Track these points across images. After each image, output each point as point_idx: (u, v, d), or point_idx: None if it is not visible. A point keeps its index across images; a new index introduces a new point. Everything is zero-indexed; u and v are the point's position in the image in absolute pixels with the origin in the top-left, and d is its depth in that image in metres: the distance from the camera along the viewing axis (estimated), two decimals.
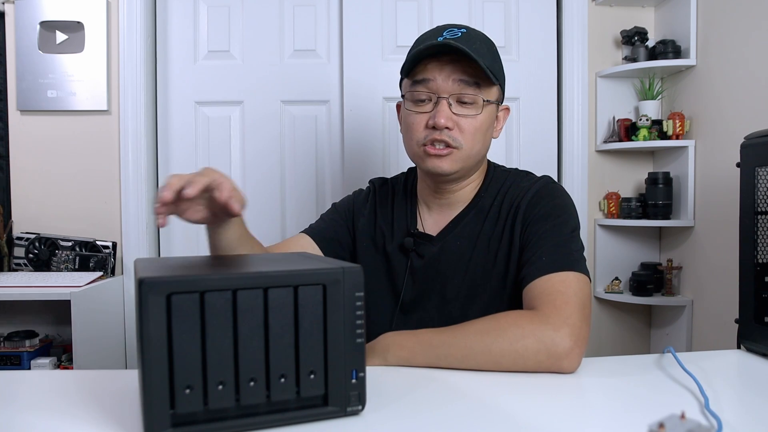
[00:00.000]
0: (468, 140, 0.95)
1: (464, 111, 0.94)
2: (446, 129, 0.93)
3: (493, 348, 0.77)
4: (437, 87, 0.94)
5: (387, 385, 0.72)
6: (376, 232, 1.08)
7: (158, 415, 0.53)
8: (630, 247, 2.12)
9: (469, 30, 0.96)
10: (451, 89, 0.93)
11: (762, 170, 0.87)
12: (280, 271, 0.58)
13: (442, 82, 0.93)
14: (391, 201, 1.10)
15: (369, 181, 1.16)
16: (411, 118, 0.97)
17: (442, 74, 0.93)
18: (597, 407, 0.67)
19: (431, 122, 0.94)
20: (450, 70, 0.93)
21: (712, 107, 1.85)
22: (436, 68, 0.93)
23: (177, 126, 2.01)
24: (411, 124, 0.97)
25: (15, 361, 1.66)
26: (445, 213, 1.04)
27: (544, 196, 0.96)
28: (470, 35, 0.94)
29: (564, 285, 0.84)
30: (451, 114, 0.93)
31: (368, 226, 1.09)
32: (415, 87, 0.96)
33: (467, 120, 0.94)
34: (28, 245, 1.86)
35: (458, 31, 0.94)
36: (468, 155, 0.96)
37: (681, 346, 1.97)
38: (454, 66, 0.93)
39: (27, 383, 0.75)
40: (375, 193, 1.12)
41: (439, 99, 0.94)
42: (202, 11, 2.00)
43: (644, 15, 2.10)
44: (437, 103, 0.94)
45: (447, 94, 0.93)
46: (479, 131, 0.95)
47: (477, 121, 0.95)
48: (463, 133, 0.94)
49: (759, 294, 0.87)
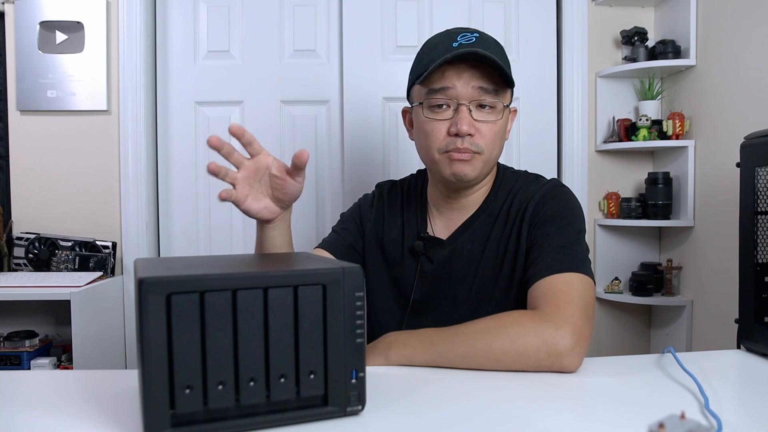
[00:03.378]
0: (488, 145, 0.95)
1: (485, 117, 0.94)
2: (468, 136, 0.93)
3: (494, 345, 0.77)
4: (457, 94, 0.93)
5: (387, 385, 0.72)
6: (384, 236, 1.08)
7: (158, 415, 0.53)
8: (630, 247, 2.12)
9: (482, 35, 0.95)
10: (471, 95, 0.93)
11: (762, 170, 0.87)
12: (280, 271, 0.58)
13: (462, 89, 0.92)
14: (400, 204, 1.10)
15: (375, 186, 1.16)
16: (429, 126, 0.95)
17: (461, 81, 0.92)
18: (597, 407, 0.67)
19: (453, 129, 0.93)
20: (469, 77, 0.92)
21: (712, 107, 1.85)
22: (454, 75, 0.92)
23: (177, 126, 2.01)
24: (430, 131, 0.95)
25: (15, 361, 1.66)
26: (456, 217, 1.03)
27: (551, 198, 0.97)
28: (484, 40, 0.94)
29: (567, 285, 0.84)
30: (472, 120, 0.93)
31: (375, 230, 1.09)
32: (433, 95, 0.94)
33: (488, 125, 0.94)
34: (28, 245, 1.86)
35: (472, 36, 0.93)
36: (488, 160, 0.96)
37: (681, 346, 1.97)
38: (472, 72, 0.92)
39: (27, 383, 0.75)
40: (382, 197, 1.12)
41: (459, 106, 0.93)
42: (202, 11, 2.00)
43: (644, 15, 2.10)
44: (457, 110, 0.93)
45: (467, 100, 0.93)
46: (498, 136, 0.96)
47: (497, 126, 0.95)
48: (485, 138, 0.94)
49: (759, 294, 0.87)
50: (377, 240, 1.08)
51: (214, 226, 2.02)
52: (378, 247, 1.08)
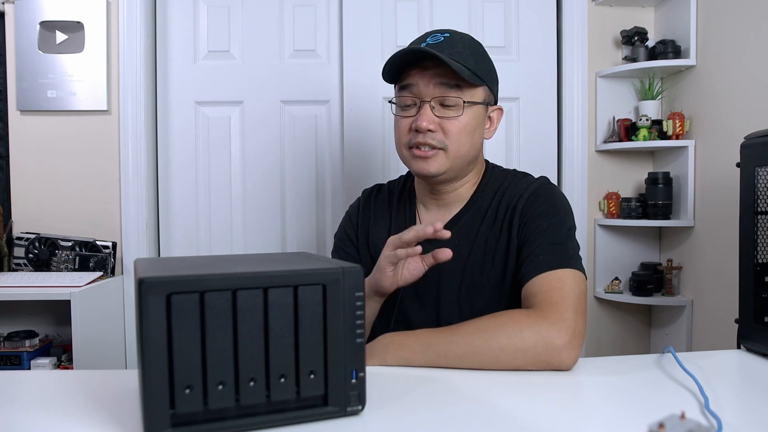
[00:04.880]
0: (453, 141, 0.97)
1: (446, 113, 0.97)
2: (429, 132, 0.96)
3: (492, 343, 0.78)
4: (420, 92, 0.97)
5: (387, 385, 0.72)
6: (373, 237, 1.10)
7: (158, 415, 0.53)
8: (630, 247, 2.12)
9: (453, 34, 0.98)
10: (432, 93, 0.96)
11: (762, 170, 0.87)
12: (280, 271, 0.58)
13: (424, 87, 0.97)
14: (388, 204, 1.12)
15: (361, 193, 1.19)
16: (398, 123, 1.02)
17: (424, 79, 0.96)
18: (597, 407, 0.67)
19: (414, 125, 0.97)
20: (431, 75, 0.96)
21: (712, 107, 1.85)
22: (417, 74, 0.97)
23: (177, 126, 2.01)
24: (397, 128, 1.01)
25: (15, 361, 1.66)
26: (443, 212, 1.05)
27: (541, 195, 0.98)
28: (453, 39, 0.97)
29: (560, 282, 0.86)
30: (433, 117, 0.96)
31: (364, 233, 1.12)
32: (401, 93, 1.00)
33: (450, 121, 0.97)
34: (28, 245, 1.86)
35: (441, 36, 0.97)
36: (455, 156, 0.98)
37: (681, 346, 1.97)
38: (434, 71, 0.96)
39: (27, 383, 0.75)
40: (368, 201, 1.15)
41: (422, 103, 0.97)
42: (202, 11, 2.00)
43: (644, 15, 2.10)
44: (420, 107, 0.97)
45: (429, 97, 0.97)
46: (464, 132, 0.97)
47: (460, 122, 0.97)
48: (448, 134, 0.97)
49: (759, 294, 0.87)
50: (366, 241, 1.11)
51: (214, 226, 2.02)
52: (367, 248, 1.10)
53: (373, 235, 1.10)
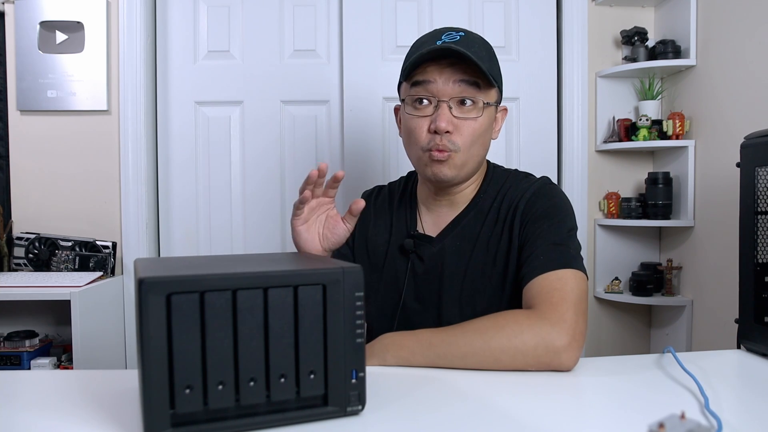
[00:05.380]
0: (466, 143, 0.95)
1: (465, 114, 0.94)
2: (446, 133, 0.93)
3: (492, 344, 0.78)
4: (437, 90, 0.94)
5: (387, 385, 0.72)
6: (373, 239, 1.09)
7: (158, 415, 0.53)
8: (630, 247, 2.12)
9: (467, 33, 0.96)
10: (451, 92, 0.93)
11: (762, 170, 0.87)
12: (280, 271, 0.58)
13: (443, 85, 0.93)
14: (388, 206, 1.11)
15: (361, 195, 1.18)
16: (412, 123, 0.97)
17: (443, 77, 0.93)
18: (597, 407, 0.67)
19: (433, 126, 0.93)
20: (450, 73, 0.93)
21: (712, 107, 1.85)
22: (436, 71, 0.94)
23: (177, 126, 2.01)
24: (413, 128, 0.97)
25: (15, 361, 1.66)
26: (445, 214, 1.04)
27: (542, 196, 0.97)
28: (468, 38, 0.95)
29: (561, 282, 0.85)
30: (452, 117, 0.94)
31: (363, 236, 1.10)
32: (415, 88, 0.96)
33: (467, 123, 0.95)
34: (28, 245, 1.86)
35: (457, 35, 0.95)
36: (466, 159, 0.96)
37: (681, 346, 1.97)
38: (453, 69, 0.93)
39: (27, 383, 0.75)
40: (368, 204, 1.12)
41: (440, 102, 0.94)
42: (202, 11, 2.00)
43: (644, 15, 2.10)
44: (438, 107, 0.94)
45: (447, 97, 0.94)
46: (477, 134, 0.96)
47: (477, 123, 0.95)
48: (462, 136, 0.94)
49: (759, 294, 0.87)
50: (365, 244, 1.10)
51: (214, 226, 2.02)
52: (365, 250, 1.09)
53: (371, 237, 1.09)
